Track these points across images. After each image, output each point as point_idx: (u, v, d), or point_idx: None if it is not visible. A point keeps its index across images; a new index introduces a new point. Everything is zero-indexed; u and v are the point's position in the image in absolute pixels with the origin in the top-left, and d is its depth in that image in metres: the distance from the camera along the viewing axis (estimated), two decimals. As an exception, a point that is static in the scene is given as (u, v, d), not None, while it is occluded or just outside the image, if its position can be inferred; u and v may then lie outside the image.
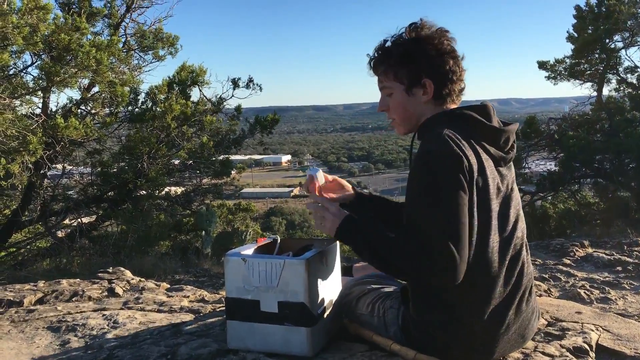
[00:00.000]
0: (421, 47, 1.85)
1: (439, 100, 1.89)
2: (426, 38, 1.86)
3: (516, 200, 1.86)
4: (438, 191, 1.64)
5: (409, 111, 1.93)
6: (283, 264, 2.10)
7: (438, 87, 1.86)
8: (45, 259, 7.09)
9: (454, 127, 1.77)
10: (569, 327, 2.30)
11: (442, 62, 1.84)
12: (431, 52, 1.84)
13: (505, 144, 1.84)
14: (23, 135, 5.55)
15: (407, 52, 1.87)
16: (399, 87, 1.91)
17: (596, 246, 5.93)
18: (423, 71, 1.86)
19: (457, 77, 1.87)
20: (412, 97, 1.90)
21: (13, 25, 4.89)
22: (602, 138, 11.05)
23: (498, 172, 1.79)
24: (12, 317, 2.92)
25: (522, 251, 1.84)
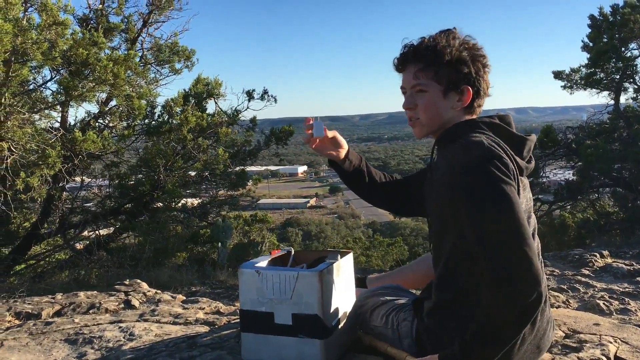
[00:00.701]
0: (472, 56, 1.85)
1: (468, 110, 1.89)
2: (474, 48, 1.87)
3: (533, 209, 1.87)
4: (501, 201, 1.59)
5: (439, 114, 1.89)
6: (297, 276, 2.11)
7: (474, 97, 1.88)
8: (64, 271, 7.15)
9: (484, 134, 1.78)
10: (587, 339, 2.28)
11: (483, 74, 1.87)
12: (478, 65, 1.86)
13: (528, 153, 1.85)
14: (42, 149, 5.63)
15: (459, 57, 1.84)
16: (436, 87, 1.87)
17: (615, 256, 5.85)
18: (466, 78, 1.85)
19: (485, 92, 1.90)
20: (446, 101, 1.88)
21: (32, 41, 4.98)
22: (620, 147, 10.93)
23: (521, 182, 1.79)
24: (30, 329, 2.95)
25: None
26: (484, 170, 1.62)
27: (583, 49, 12.40)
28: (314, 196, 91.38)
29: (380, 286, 2.41)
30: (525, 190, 1.81)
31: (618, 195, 11.27)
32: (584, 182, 10.73)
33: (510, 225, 1.57)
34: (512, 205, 1.58)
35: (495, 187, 1.60)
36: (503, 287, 1.54)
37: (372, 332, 2.19)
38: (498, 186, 1.60)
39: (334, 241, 36.63)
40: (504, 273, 1.54)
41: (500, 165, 1.63)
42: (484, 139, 1.70)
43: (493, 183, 1.60)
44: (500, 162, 1.63)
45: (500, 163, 1.63)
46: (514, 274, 1.53)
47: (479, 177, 1.62)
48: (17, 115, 5.40)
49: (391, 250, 17.30)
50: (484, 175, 1.61)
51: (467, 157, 1.66)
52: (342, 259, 2.35)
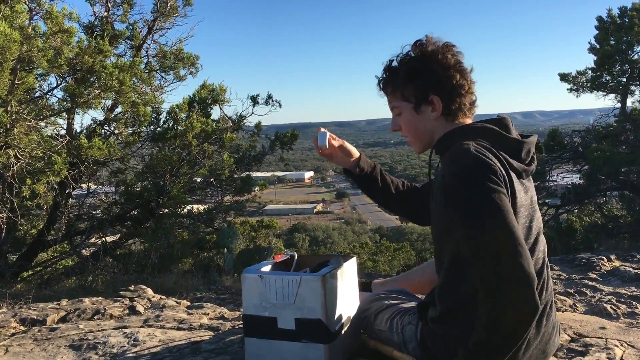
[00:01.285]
0: (425, 63, 1.84)
1: (450, 116, 1.87)
2: (430, 54, 1.84)
3: (538, 214, 1.84)
4: (488, 208, 1.57)
5: (419, 129, 1.92)
6: (299, 281, 2.10)
7: (446, 102, 1.85)
8: (71, 278, 7.17)
9: (474, 141, 1.74)
10: (593, 342, 2.26)
11: (447, 77, 1.83)
12: (436, 68, 1.83)
13: (527, 156, 1.81)
14: (48, 156, 5.66)
15: (412, 70, 1.86)
16: (407, 106, 1.91)
17: (623, 260, 5.81)
18: (429, 88, 1.84)
19: (465, 91, 1.85)
20: (421, 115, 1.89)
21: (38, 49, 5.01)
22: (628, 150, 10.88)
23: (522, 185, 1.77)
24: (35, 335, 2.95)
25: (544, 266, 1.81)
26: (471, 179, 1.61)
27: (590, 51, 12.36)
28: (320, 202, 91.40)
29: (385, 290, 2.40)
30: (527, 192, 1.79)
31: (626, 199, 11.20)
32: (590, 185, 10.68)
33: (499, 233, 1.55)
34: (499, 212, 1.57)
35: (483, 196, 1.59)
36: (495, 297, 1.53)
37: (377, 336, 2.18)
38: (485, 194, 1.58)
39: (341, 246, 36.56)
40: (494, 283, 1.53)
41: (487, 172, 1.61)
42: (471, 146, 1.68)
43: (480, 192, 1.59)
44: (487, 170, 1.62)
45: (488, 170, 1.62)
46: (503, 284, 1.53)
47: (467, 186, 1.62)
48: (23, 123, 5.43)
49: (398, 255, 17.26)
50: (471, 184, 1.61)
51: (454, 166, 1.66)
52: (345, 263, 2.34)
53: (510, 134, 1.82)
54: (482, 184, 1.60)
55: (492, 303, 1.54)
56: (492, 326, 1.55)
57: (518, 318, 1.53)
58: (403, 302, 2.17)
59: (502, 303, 1.53)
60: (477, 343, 1.59)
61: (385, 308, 2.17)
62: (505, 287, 1.52)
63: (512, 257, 1.53)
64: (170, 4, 8.24)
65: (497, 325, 1.55)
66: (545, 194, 11.27)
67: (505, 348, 1.57)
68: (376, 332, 2.17)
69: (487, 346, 1.58)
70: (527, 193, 1.78)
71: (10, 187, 5.79)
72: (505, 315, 1.53)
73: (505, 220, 1.56)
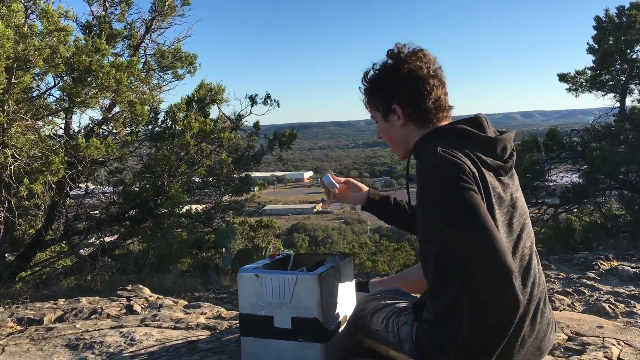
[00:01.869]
0: (384, 74, 1.91)
1: (418, 122, 1.89)
2: (389, 65, 1.90)
3: (521, 209, 1.82)
4: (457, 205, 1.58)
5: (393, 137, 1.98)
6: (295, 280, 2.09)
7: (408, 109, 1.88)
8: (69, 278, 7.17)
9: (445, 142, 1.75)
10: (590, 341, 2.25)
11: (402, 85, 1.87)
12: (391, 78, 1.88)
13: (503, 152, 1.81)
14: (46, 156, 5.65)
15: (375, 81, 1.94)
16: (378, 115, 1.98)
17: (622, 259, 5.81)
18: (390, 97, 1.90)
19: (423, 96, 1.86)
20: (390, 123, 1.95)
21: (35, 48, 4.99)
22: (627, 149, 10.88)
23: (499, 182, 1.76)
24: (32, 335, 2.95)
25: (532, 261, 1.80)
26: (439, 179, 1.63)
27: (588, 51, 12.36)
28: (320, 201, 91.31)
29: (381, 290, 2.40)
30: (506, 189, 1.78)
31: (625, 198, 11.21)
32: (590, 185, 10.68)
33: (471, 229, 1.54)
34: (470, 208, 1.56)
35: (452, 194, 1.59)
36: (474, 292, 1.52)
37: (373, 336, 2.17)
38: (455, 192, 1.59)
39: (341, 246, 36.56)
40: (472, 279, 1.52)
41: (454, 171, 1.62)
42: (438, 148, 1.69)
43: (449, 190, 1.60)
44: (454, 168, 1.63)
45: (454, 169, 1.62)
46: (480, 278, 1.51)
47: (435, 186, 1.63)
48: (20, 122, 5.42)
49: (397, 255, 17.25)
50: (439, 184, 1.62)
51: (423, 169, 1.69)
52: (342, 262, 2.33)
53: (485, 132, 1.82)
54: (450, 183, 1.61)
55: (473, 299, 1.53)
56: (476, 322, 1.54)
57: (500, 311, 1.51)
58: (399, 302, 2.16)
59: (481, 298, 1.51)
60: (465, 340, 1.58)
61: (382, 308, 2.16)
62: (482, 281, 1.51)
63: (486, 251, 1.51)
64: (168, 3, 8.23)
65: (481, 320, 1.53)
66: (545, 193, 11.27)
67: (493, 343, 1.55)
68: (372, 332, 2.16)
69: (475, 342, 1.57)
70: (505, 191, 1.78)
71: (7, 187, 5.78)
72: (486, 310, 1.52)
73: (476, 215, 1.55)
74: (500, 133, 1.87)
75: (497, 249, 1.51)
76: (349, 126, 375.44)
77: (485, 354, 1.57)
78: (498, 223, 1.69)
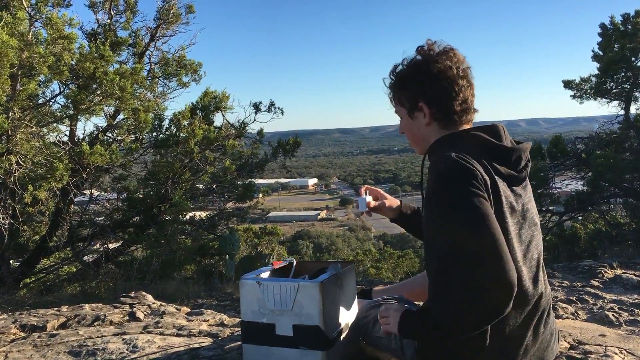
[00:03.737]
0: (413, 71, 1.89)
1: (442, 122, 1.88)
2: (419, 62, 1.88)
3: (531, 220, 1.82)
4: (465, 210, 1.58)
5: (415, 134, 1.96)
6: (297, 287, 2.10)
7: (434, 109, 1.87)
8: (73, 284, 7.18)
9: (460, 147, 1.75)
10: (592, 350, 2.25)
11: (431, 85, 1.85)
12: (420, 76, 1.86)
13: (517, 162, 1.81)
14: (50, 162, 5.67)
15: (403, 78, 1.92)
16: (403, 111, 1.97)
17: (626, 267, 5.79)
18: (418, 95, 1.88)
19: (451, 97, 1.85)
20: (416, 121, 1.93)
21: (39, 56, 5.02)
22: (631, 157, 10.84)
23: (512, 192, 1.76)
24: (35, 341, 2.95)
25: (538, 273, 1.79)
26: (450, 183, 1.63)
27: (593, 58, 12.35)
28: (324, 208, 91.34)
29: (384, 297, 2.39)
30: (519, 200, 1.78)
31: (629, 206, 11.16)
32: (594, 192, 10.64)
33: (479, 235, 1.55)
34: (478, 214, 1.57)
35: (462, 198, 1.60)
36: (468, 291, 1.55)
37: (375, 343, 2.17)
38: (464, 197, 1.60)
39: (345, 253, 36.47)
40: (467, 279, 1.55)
41: (466, 176, 1.63)
42: (453, 153, 1.70)
43: (459, 194, 1.61)
44: (466, 174, 1.63)
45: (466, 174, 1.63)
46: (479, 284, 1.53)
47: (445, 189, 1.64)
48: (25, 129, 5.44)
49: (402, 262, 17.18)
50: (450, 187, 1.63)
51: (436, 172, 1.69)
52: (344, 269, 2.33)
53: (502, 141, 1.82)
54: (460, 188, 1.61)
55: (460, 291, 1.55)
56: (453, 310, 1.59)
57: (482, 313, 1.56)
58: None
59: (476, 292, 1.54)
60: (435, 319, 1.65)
61: (384, 315, 2.16)
62: (480, 282, 1.53)
63: (491, 258, 1.53)
64: (173, 11, 8.27)
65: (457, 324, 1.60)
66: (549, 201, 11.23)
67: (455, 333, 1.64)
68: (374, 339, 2.16)
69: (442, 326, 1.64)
70: (517, 201, 1.78)
71: (12, 193, 5.80)
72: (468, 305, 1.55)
73: (483, 221, 1.56)
74: (517, 143, 1.88)
75: (503, 259, 1.53)
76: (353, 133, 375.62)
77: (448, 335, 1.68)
78: (510, 231, 1.69)
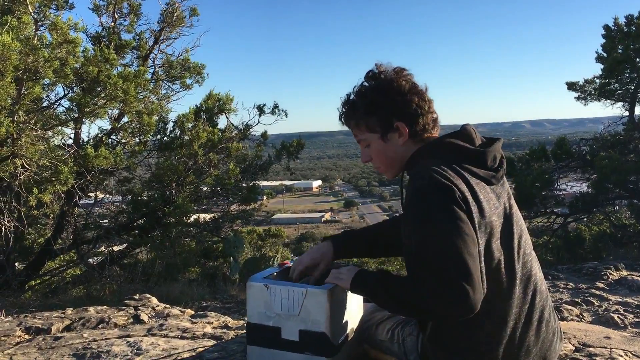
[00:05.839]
0: (383, 93, 1.87)
1: (418, 137, 1.88)
2: (385, 83, 1.87)
3: (517, 217, 1.84)
4: (437, 229, 1.62)
5: (390, 157, 1.94)
6: (305, 293, 2.09)
7: (411, 126, 1.87)
8: (78, 287, 7.19)
9: (438, 157, 1.77)
10: (597, 352, 2.24)
11: (406, 102, 1.85)
12: (393, 96, 1.85)
13: (493, 162, 1.83)
14: (55, 165, 5.68)
15: (372, 102, 1.89)
16: (374, 137, 1.93)
17: (631, 269, 5.77)
18: (392, 115, 1.87)
19: (426, 111, 1.87)
20: (390, 142, 1.91)
21: (44, 59, 5.04)
22: (636, 158, 10.82)
23: (492, 191, 1.78)
24: (40, 344, 2.96)
25: (532, 269, 1.80)
26: (425, 198, 1.65)
27: (597, 60, 12.33)
28: (328, 210, 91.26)
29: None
30: (499, 198, 1.80)
31: (634, 207, 11.13)
32: (599, 194, 10.62)
33: (442, 253, 1.58)
34: (450, 228, 1.60)
35: (434, 212, 1.63)
36: (430, 303, 1.59)
37: (378, 347, 2.17)
38: (438, 211, 1.62)
39: (347, 256, 36.37)
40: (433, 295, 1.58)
41: (442, 192, 1.65)
42: (430, 167, 1.72)
43: (433, 209, 1.63)
44: (442, 190, 1.65)
45: (443, 190, 1.65)
46: (440, 296, 1.57)
47: (421, 204, 1.66)
48: (30, 132, 5.46)
49: (407, 265, 17.15)
50: (424, 202, 1.65)
51: (413, 187, 1.72)
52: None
53: (474, 143, 1.84)
54: (436, 203, 1.64)
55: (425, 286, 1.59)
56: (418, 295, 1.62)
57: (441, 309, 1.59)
58: (405, 313, 2.16)
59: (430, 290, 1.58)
60: (396, 287, 1.70)
61: (387, 318, 2.16)
62: (431, 291, 1.58)
63: (455, 273, 1.56)
64: (177, 14, 8.30)
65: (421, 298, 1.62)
66: (554, 202, 11.21)
67: (404, 310, 1.73)
68: (378, 342, 2.16)
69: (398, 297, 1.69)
70: (499, 199, 1.80)
71: (17, 196, 5.82)
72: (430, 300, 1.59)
73: (453, 234, 1.59)
74: (487, 140, 1.90)
75: (471, 276, 1.55)
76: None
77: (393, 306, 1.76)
78: (496, 234, 1.72)
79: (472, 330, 1.73)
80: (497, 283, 1.70)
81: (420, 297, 1.61)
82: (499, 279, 1.70)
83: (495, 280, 1.70)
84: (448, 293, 1.56)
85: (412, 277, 1.67)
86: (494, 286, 1.69)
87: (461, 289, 1.54)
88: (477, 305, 1.57)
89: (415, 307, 1.65)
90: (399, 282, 1.72)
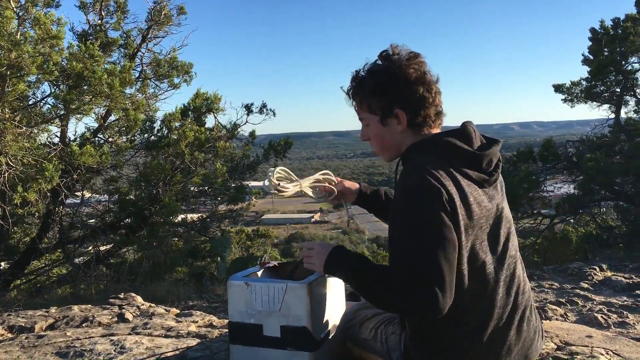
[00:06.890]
0: (389, 77, 1.84)
1: (416, 128, 1.86)
2: (393, 67, 1.84)
3: (506, 219, 1.84)
4: (419, 230, 1.63)
5: (386, 141, 1.93)
6: (285, 288, 2.09)
7: (411, 115, 1.85)
8: (63, 286, 7.14)
9: (433, 155, 1.77)
10: (578, 351, 2.26)
11: (410, 91, 1.82)
12: (399, 82, 1.83)
13: (489, 165, 1.81)
14: (39, 163, 5.64)
15: (377, 84, 1.86)
16: (373, 118, 1.91)
17: (615, 270, 5.82)
18: (394, 102, 1.84)
19: (429, 103, 1.84)
20: (388, 128, 1.89)
21: (28, 55, 5.00)
22: (622, 160, 10.91)
23: (484, 194, 1.77)
24: (22, 342, 2.93)
25: (516, 270, 1.81)
26: (413, 199, 1.66)
27: (584, 62, 12.42)
28: (318, 211, 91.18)
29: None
30: (492, 200, 1.80)
31: (620, 209, 11.23)
32: (585, 195, 10.71)
33: (419, 256, 1.60)
34: (430, 232, 1.61)
35: (421, 218, 1.63)
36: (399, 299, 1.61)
37: (362, 345, 2.17)
38: (424, 217, 1.63)
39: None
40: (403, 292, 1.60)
41: (430, 195, 1.64)
42: (425, 165, 1.71)
43: (418, 211, 1.64)
44: (431, 193, 1.65)
45: (432, 193, 1.64)
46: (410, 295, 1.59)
47: (409, 204, 1.66)
48: (13, 130, 5.41)
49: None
50: (412, 203, 1.66)
51: (403, 184, 1.72)
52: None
53: (472, 144, 1.83)
54: (423, 206, 1.64)
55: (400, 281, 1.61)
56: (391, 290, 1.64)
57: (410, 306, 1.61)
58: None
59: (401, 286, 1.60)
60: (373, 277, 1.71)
61: (371, 317, 2.16)
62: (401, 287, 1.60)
63: (428, 275, 1.57)
64: (165, 12, 8.27)
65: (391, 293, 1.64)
66: (540, 204, 11.29)
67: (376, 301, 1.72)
68: (361, 341, 2.16)
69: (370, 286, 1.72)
70: (491, 201, 1.79)
71: (2, 195, 5.77)
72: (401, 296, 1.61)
73: (437, 241, 1.60)
74: (487, 140, 1.88)
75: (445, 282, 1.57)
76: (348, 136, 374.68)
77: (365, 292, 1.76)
78: (483, 236, 1.73)
79: (453, 329, 1.73)
80: (480, 284, 1.71)
81: (390, 292, 1.63)
82: (482, 280, 1.71)
83: (479, 281, 1.71)
84: (417, 293, 1.58)
85: (387, 269, 1.69)
86: (477, 286, 1.70)
87: (431, 291, 1.56)
88: (445, 309, 1.58)
89: (384, 299, 1.67)
90: (372, 272, 1.73)
